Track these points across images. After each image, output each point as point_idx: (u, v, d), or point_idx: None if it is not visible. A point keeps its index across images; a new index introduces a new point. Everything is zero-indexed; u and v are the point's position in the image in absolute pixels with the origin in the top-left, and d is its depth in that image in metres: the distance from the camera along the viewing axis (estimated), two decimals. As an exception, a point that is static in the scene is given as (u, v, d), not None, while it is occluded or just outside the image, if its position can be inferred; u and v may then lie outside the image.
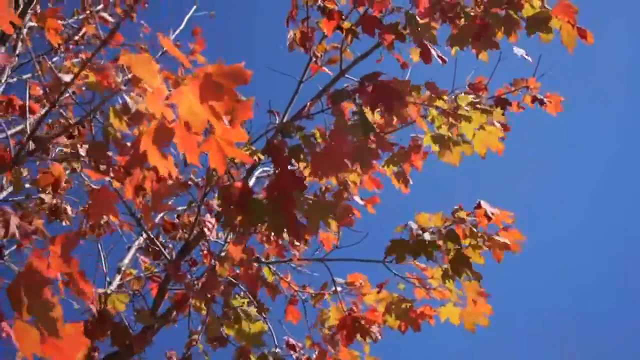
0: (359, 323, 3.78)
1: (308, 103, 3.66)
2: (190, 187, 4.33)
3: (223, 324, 3.77)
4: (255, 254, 3.67)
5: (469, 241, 3.66)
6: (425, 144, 4.00)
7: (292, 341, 4.03)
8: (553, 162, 13.00)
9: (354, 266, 4.18)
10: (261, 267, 4.15)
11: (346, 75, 3.93)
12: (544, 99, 4.40)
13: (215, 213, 3.67)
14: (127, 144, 2.10)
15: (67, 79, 2.15)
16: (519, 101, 4.46)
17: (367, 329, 3.76)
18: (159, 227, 4.57)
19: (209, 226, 3.55)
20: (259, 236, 3.89)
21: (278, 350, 3.89)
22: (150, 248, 4.54)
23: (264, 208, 3.09)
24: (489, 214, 3.63)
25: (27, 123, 2.38)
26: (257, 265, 3.83)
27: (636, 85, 12.17)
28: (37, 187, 3.15)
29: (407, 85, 3.43)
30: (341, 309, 3.95)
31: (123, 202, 3.06)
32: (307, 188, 3.25)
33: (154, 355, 4.23)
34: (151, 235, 3.98)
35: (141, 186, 2.01)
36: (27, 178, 3.66)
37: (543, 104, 4.40)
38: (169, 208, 3.79)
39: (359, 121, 3.32)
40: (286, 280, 4.46)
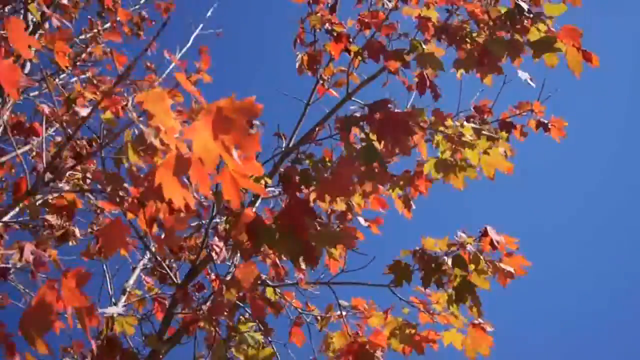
0: (365, 349, 3.78)
1: (316, 128, 3.68)
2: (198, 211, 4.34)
3: (231, 349, 3.76)
4: (261, 278, 3.67)
5: (474, 266, 3.66)
6: (426, 171, 3.99)
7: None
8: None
9: (359, 289, 4.19)
10: (265, 290, 4.16)
11: (353, 98, 3.96)
12: (548, 124, 4.43)
13: (222, 237, 3.68)
14: (141, 176, 2.11)
15: (84, 113, 2.17)
16: (524, 125, 4.49)
17: (372, 355, 3.76)
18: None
19: (216, 250, 3.55)
20: (261, 258, 3.90)
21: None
22: (155, 270, 4.55)
23: (274, 234, 3.10)
24: (495, 242, 3.63)
25: (43, 146, 2.38)
26: (263, 288, 3.84)
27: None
28: (50, 212, 3.18)
29: (416, 116, 3.44)
30: (346, 333, 3.95)
31: (130, 224, 3.09)
32: (317, 216, 3.26)
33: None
34: (159, 258, 3.98)
35: (155, 218, 2.02)
36: (40, 201, 3.67)
37: (547, 130, 4.44)
38: (183, 240, 3.80)
39: (365, 148, 3.34)
40: (290, 300, 4.46)
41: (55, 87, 4.40)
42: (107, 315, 3.68)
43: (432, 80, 3.77)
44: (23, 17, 4.51)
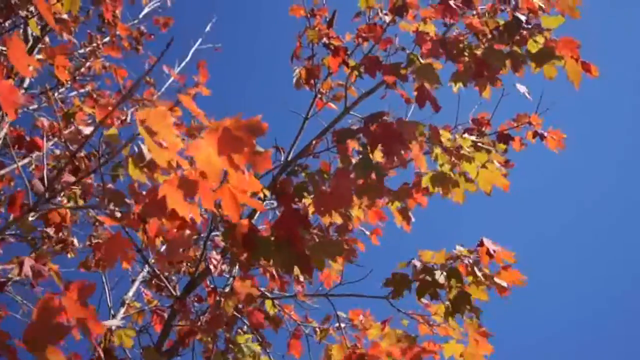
0: (363, 361, 3.79)
1: (313, 141, 3.70)
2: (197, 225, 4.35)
3: (229, 360, 3.78)
4: (259, 291, 3.69)
5: (472, 278, 3.67)
6: (424, 185, 3.99)
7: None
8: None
9: (358, 301, 4.20)
10: (264, 302, 4.17)
11: (351, 112, 3.98)
12: (545, 134, 4.46)
13: (220, 250, 3.70)
14: (142, 192, 2.13)
15: (87, 131, 2.20)
16: (522, 137, 4.52)
17: (371, 366, 3.78)
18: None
19: (214, 262, 3.57)
20: (262, 270, 3.91)
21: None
22: (153, 280, 4.56)
23: (270, 245, 3.12)
24: (491, 252, 3.64)
25: (44, 160, 2.41)
26: (262, 300, 3.85)
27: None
28: (47, 224, 3.20)
29: (411, 126, 3.45)
30: (345, 345, 3.96)
31: (129, 236, 3.11)
32: (312, 226, 3.28)
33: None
34: (158, 271, 4.00)
35: (158, 234, 2.04)
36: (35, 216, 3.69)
37: (544, 139, 4.46)
38: (185, 257, 3.81)
39: (362, 161, 3.36)
40: (288, 312, 4.47)
41: (54, 101, 4.42)
42: (106, 327, 3.69)
43: (431, 92, 3.78)
44: (23, 31, 4.54)
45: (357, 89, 4.13)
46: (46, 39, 4.74)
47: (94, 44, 5.31)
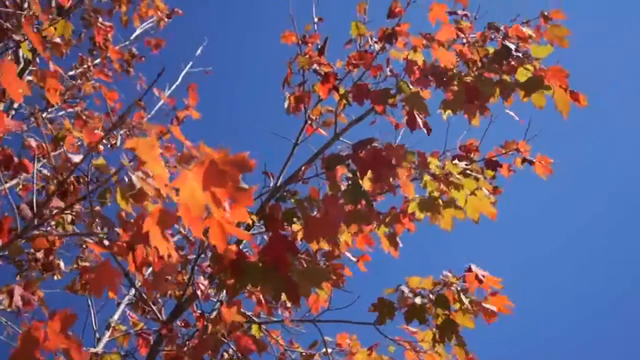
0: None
1: (303, 167, 3.71)
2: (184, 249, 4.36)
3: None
4: (246, 316, 3.68)
5: (459, 305, 3.68)
6: (411, 210, 3.99)
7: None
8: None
9: (345, 327, 4.19)
10: (250, 326, 4.15)
11: (341, 138, 4.00)
12: (534, 160, 4.48)
13: (207, 275, 3.69)
14: (130, 221, 2.14)
15: (77, 159, 2.19)
16: (510, 164, 4.55)
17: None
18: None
19: (202, 287, 3.56)
20: (248, 294, 3.90)
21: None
22: (139, 303, 4.54)
23: (258, 271, 3.12)
24: (480, 277, 3.65)
25: (34, 182, 2.41)
26: (248, 325, 3.84)
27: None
28: (33, 247, 3.18)
29: (400, 152, 3.47)
30: (331, 371, 3.96)
31: (116, 260, 3.09)
32: (300, 252, 3.28)
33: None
34: (144, 296, 3.98)
35: (144, 262, 2.04)
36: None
37: (532, 164, 4.49)
38: (170, 286, 3.79)
39: (351, 187, 3.37)
40: (275, 337, 4.45)
41: (43, 122, 4.42)
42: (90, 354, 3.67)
43: (421, 116, 3.80)
44: (14, 53, 4.55)
45: (347, 116, 4.15)
46: (37, 60, 4.74)
47: (85, 66, 5.32)
